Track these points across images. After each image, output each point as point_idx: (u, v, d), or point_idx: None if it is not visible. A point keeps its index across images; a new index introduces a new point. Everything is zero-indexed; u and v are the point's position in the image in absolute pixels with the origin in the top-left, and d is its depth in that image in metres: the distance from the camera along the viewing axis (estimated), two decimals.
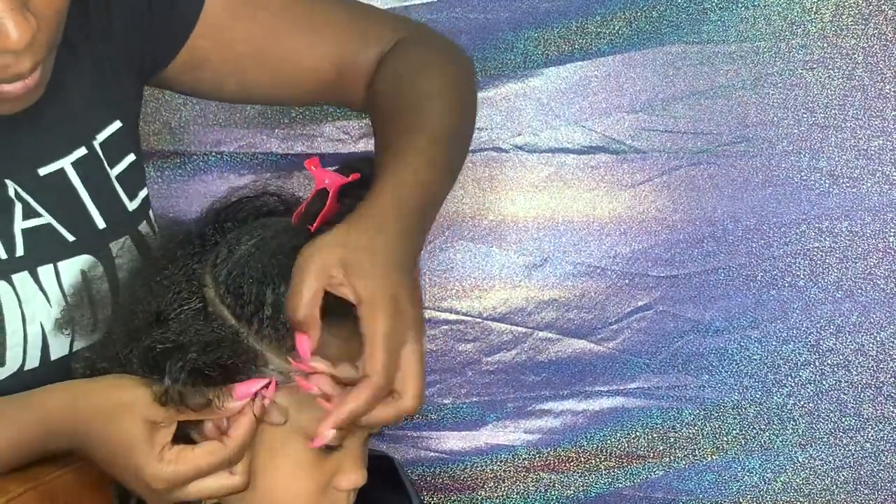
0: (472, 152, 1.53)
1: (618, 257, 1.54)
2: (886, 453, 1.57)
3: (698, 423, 1.57)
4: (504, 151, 1.53)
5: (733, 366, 1.56)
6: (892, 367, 1.56)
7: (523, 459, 1.58)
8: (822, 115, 1.51)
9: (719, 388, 1.56)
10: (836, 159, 1.52)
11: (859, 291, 1.54)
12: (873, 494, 1.58)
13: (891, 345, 1.55)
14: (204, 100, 1.50)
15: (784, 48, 1.51)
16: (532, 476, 1.58)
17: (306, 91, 1.18)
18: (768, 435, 1.57)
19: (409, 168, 0.97)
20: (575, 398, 1.57)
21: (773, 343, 1.55)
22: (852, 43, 1.50)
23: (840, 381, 1.56)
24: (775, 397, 1.56)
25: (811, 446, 1.57)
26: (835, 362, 1.56)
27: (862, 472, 1.57)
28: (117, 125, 1.10)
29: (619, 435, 1.57)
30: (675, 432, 1.57)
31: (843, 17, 1.50)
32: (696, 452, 1.58)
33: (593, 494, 1.58)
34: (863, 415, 1.56)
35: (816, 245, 1.53)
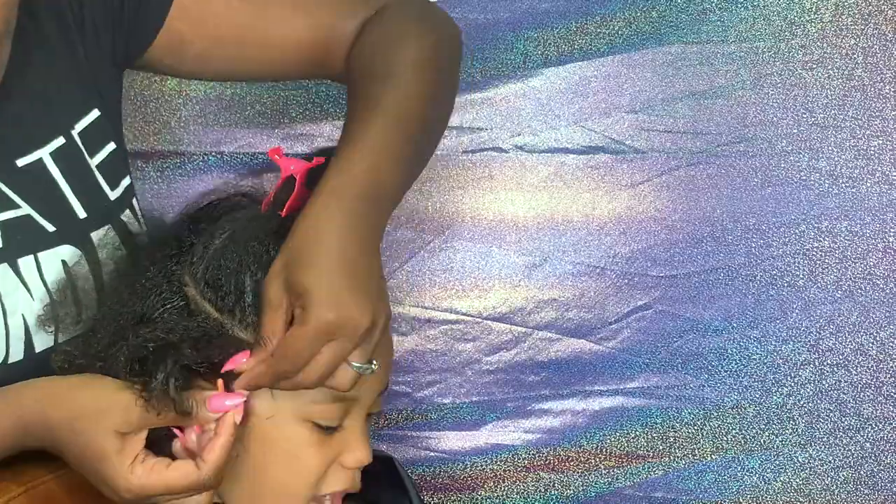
0: (472, 152, 1.53)
1: (617, 257, 1.54)
2: (886, 453, 1.57)
3: (698, 423, 1.57)
4: (504, 151, 1.53)
5: (733, 365, 1.56)
6: (892, 367, 1.56)
7: (523, 459, 1.58)
8: (821, 115, 1.51)
9: (719, 387, 1.56)
10: (836, 159, 1.52)
11: (859, 291, 1.54)
12: (873, 494, 1.58)
13: (891, 345, 1.55)
14: (207, 97, 1.51)
15: (784, 48, 1.51)
16: (532, 476, 1.58)
17: (290, 65, 1.15)
18: (768, 435, 1.57)
19: (356, 151, 0.95)
20: (575, 398, 1.57)
21: (773, 343, 1.55)
22: (852, 43, 1.50)
23: (840, 381, 1.56)
24: (775, 397, 1.56)
25: (811, 446, 1.57)
26: (834, 362, 1.55)
27: (862, 472, 1.57)
28: (95, 114, 1.10)
29: (618, 434, 1.57)
30: (675, 432, 1.57)
31: (843, 17, 1.50)
32: (696, 452, 1.58)
33: (593, 494, 1.58)
34: (863, 415, 1.56)
35: (816, 245, 1.53)
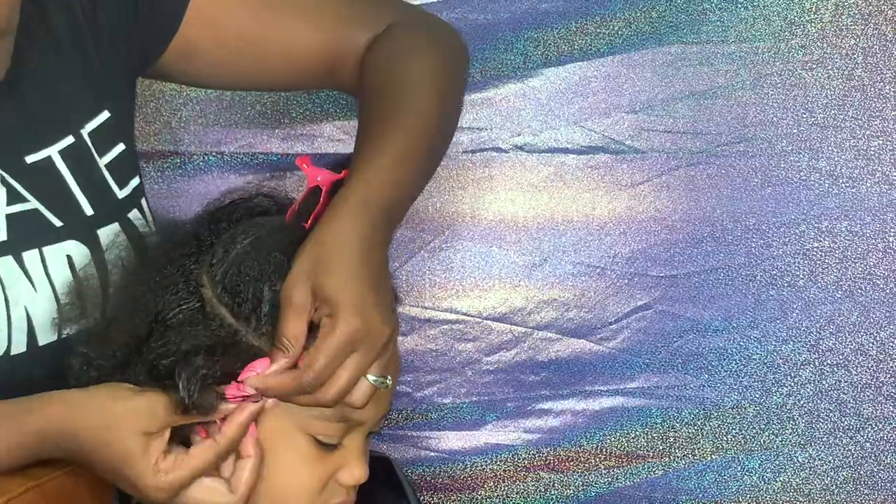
0: (472, 152, 1.53)
1: (617, 257, 1.54)
2: (886, 453, 1.57)
3: (698, 423, 1.57)
4: (504, 151, 1.53)
5: (733, 365, 1.56)
6: (891, 367, 1.55)
7: (523, 459, 1.58)
8: (821, 115, 1.51)
9: (719, 387, 1.56)
10: (836, 159, 1.52)
11: (859, 291, 1.54)
12: (873, 494, 1.58)
13: (891, 344, 1.55)
14: (207, 97, 1.51)
15: (783, 48, 1.51)
16: (532, 475, 1.58)
17: (300, 75, 1.18)
18: (768, 434, 1.57)
19: (378, 166, 0.98)
20: (574, 398, 1.57)
21: (773, 343, 1.55)
22: (852, 43, 1.50)
23: (840, 381, 1.56)
24: (775, 397, 1.56)
25: (811, 446, 1.57)
26: (834, 362, 1.55)
27: (861, 472, 1.57)
28: (105, 115, 1.11)
29: (618, 434, 1.57)
30: (675, 432, 1.57)
31: (843, 17, 1.50)
32: (696, 452, 1.58)
33: (593, 494, 1.58)
34: (862, 414, 1.56)
35: (816, 245, 1.53)
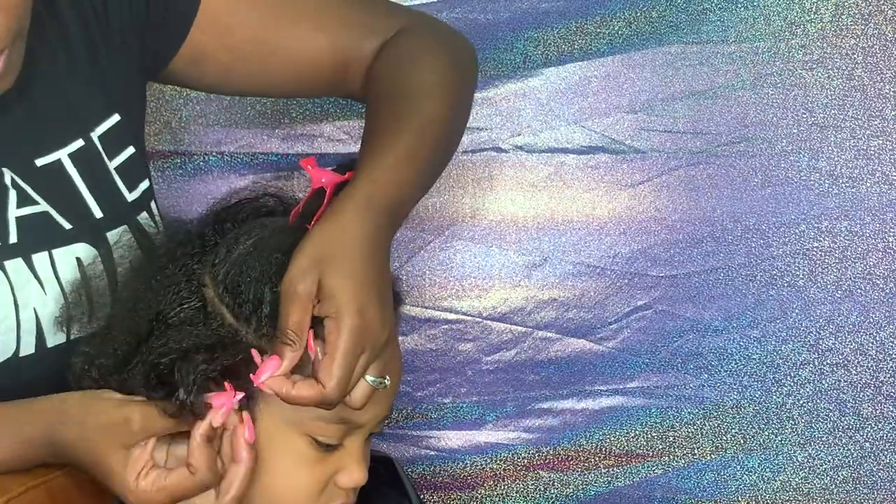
0: (472, 152, 1.53)
1: (617, 257, 1.54)
2: (886, 453, 1.57)
3: (697, 423, 1.57)
4: (504, 151, 1.54)
5: (732, 365, 1.56)
6: (891, 367, 1.56)
7: (523, 458, 1.58)
8: (821, 115, 1.52)
9: (718, 387, 1.56)
10: (836, 159, 1.52)
11: (859, 291, 1.54)
12: (872, 494, 1.58)
13: (890, 344, 1.55)
14: (208, 97, 1.51)
15: (784, 48, 1.51)
16: (531, 475, 1.58)
17: (309, 82, 1.18)
18: (767, 434, 1.57)
19: (384, 165, 0.98)
20: (574, 397, 1.57)
21: (773, 342, 1.55)
22: (852, 43, 1.50)
23: (839, 381, 1.56)
24: (774, 397, 1.56)
25: (810, 445, 1.57)
26: (834, 362, 1.56)
27: (861, 472, 1.57)
28: (115, 119, 1.11)
29: (618, 434, 1.57)
30: (675, 431, 1.57)
31: (843, 17, 1.50)
32: (696, 451, 1.58)
33: (592, 493, 1.58)
34: (862, 414, 1.56)
35: (816, 245, 1.53)
